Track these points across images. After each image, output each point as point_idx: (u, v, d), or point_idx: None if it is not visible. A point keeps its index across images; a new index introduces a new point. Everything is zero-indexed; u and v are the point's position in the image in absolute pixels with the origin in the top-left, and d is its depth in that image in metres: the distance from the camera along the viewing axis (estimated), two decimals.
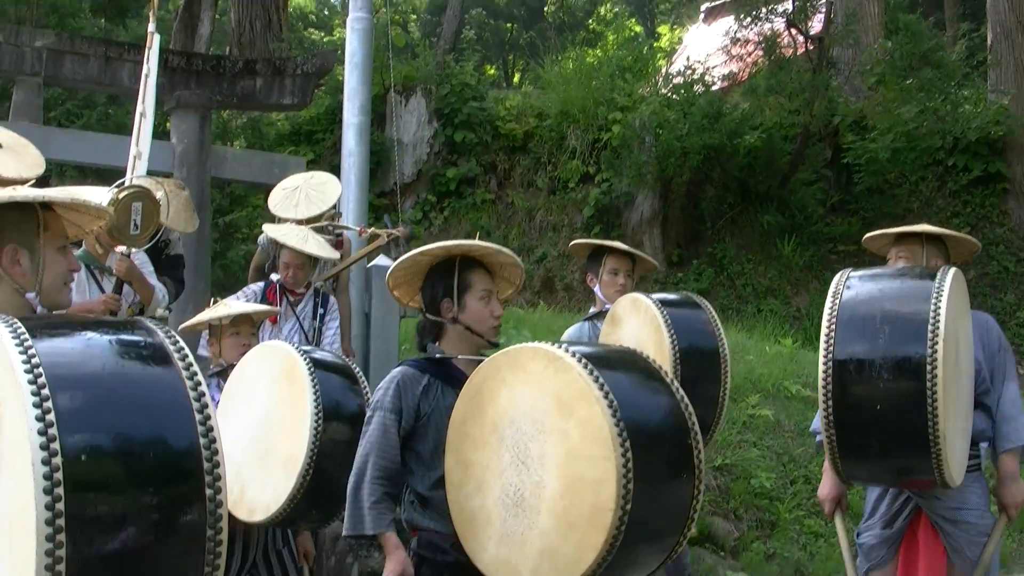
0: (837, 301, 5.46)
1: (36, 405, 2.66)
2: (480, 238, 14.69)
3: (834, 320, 5.39)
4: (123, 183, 6.92)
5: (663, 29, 42.05)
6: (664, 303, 6.51)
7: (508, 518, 4.15)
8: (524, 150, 21.67)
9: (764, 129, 19.49)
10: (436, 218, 21.04)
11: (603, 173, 20.50)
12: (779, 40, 20.01)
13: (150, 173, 9.70)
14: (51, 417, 2.65)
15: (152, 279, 7.51)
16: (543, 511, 4.03)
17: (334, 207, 9.47)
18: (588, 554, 3.86)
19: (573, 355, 4.04)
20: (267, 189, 18.89)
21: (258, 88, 13.19)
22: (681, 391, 4.28)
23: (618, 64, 22.66)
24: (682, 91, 20.18)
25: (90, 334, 3.07)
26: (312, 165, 18.57)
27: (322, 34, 42.80)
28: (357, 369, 5.98)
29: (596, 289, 7.41)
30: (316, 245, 8.13)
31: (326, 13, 46.36)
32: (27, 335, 2.84)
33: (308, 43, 37.99)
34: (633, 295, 6.75)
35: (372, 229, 9.52)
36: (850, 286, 5.55)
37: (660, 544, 4.16)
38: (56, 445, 2.63)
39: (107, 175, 14.90)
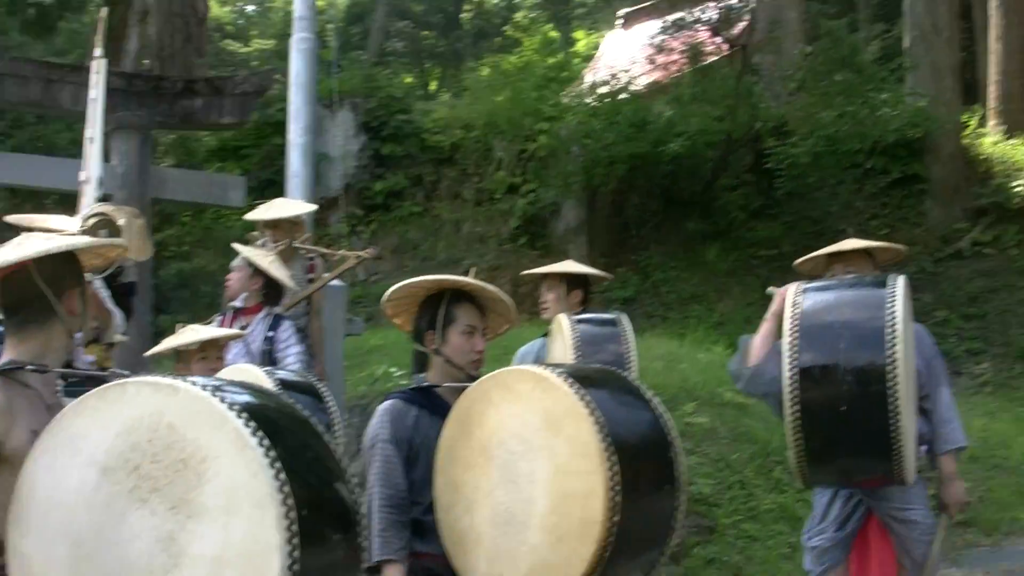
0: (798, 311, 5.62)
1: (271, 465, 3.05)
2: (406, 251, 14.80)
3: (797, 330, 5.53)
4: (92, 211, 7.08)
5: (579, 34, 42.29)
6: (580, 321, 6.64)
7: (498, 536, 4.29)
8: (451, 162, 21.90)
9: (688, 136, 19.70)
10: (363, 232, 21.16)
11: (529, 184, 20.76)
12: (703, 47, 20.35)
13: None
14: (284, 476, 3.05)
15: (109, 304, 7.61)
16: (532, 526, 4.18)
17: (303, 222, 9.71)
18: (577, 567, 4.04)
19: (559, 375, 4.22)
20: (203, 208, 19.08)
21: (197, 107, 13.26)
22: (660, 407, 4.49)
23: (543, 75, 22.86)
24: (607, 100, 20.38)
25: (273, 403, 3.57)
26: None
27: (239, 44, 42.75)
28: (322, 387, 6.15)
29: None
30: (265, 259, 8.41)
31: (242, 22, 46.36)
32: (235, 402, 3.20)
33: (225, 54, 37.94)
34: (559, 315, 6.92)
35: (341, 252, 9.71)
36: (808, 297, 5.72)
37: (645, 557, 4.35)
38: (291, 500, 3.03)
39: (42, 196, 14.96)
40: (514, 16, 44.81)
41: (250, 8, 48.94)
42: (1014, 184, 20.78)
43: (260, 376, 5.80)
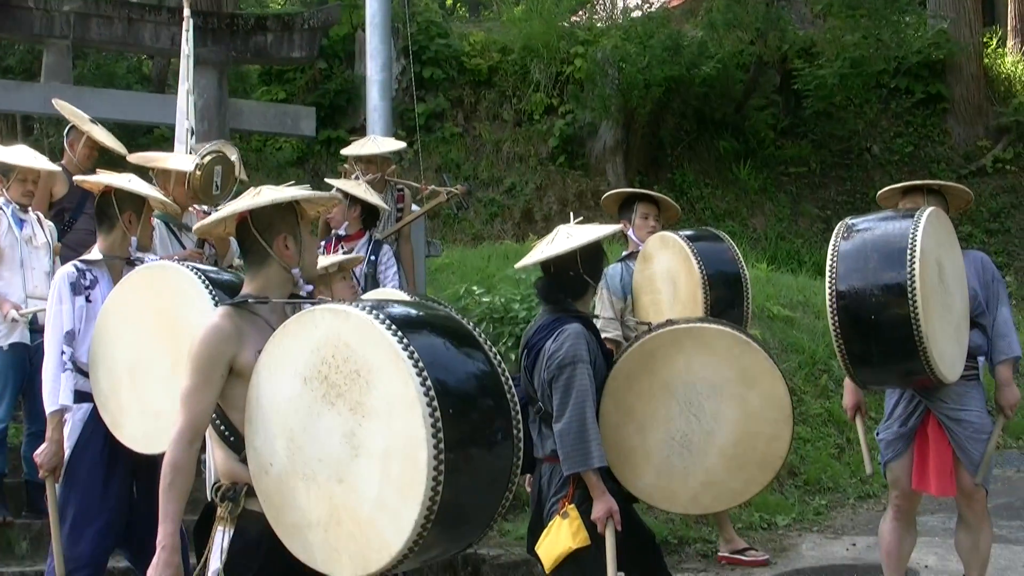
0: (838, 241, 6.64)
1: (418, 374, 3.72)
2: (449, 171, 15.28)
3: (835, 257, 6.56)
4: (208, 149, 7.82)
5: None
6: (690, 238, 7.52)
7: (671, 455, 5.54)
8: (489, 84, 22.31)
9: (719, 59, 20.15)
10: (407, 153, 21.65)
11: (567, 105, 21.26)
12: None
13: (173, 128, 10.56)
14: (429, 383, 3.72)
15: None
16: (711, 453, 5.52)
17: (399, 157, 10.26)
18: (753, 488, 5.66)
19: (754, 340, 5.55)
20: (279, 137, 19.73)
21: (269, 43, 13.89)
22: None
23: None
24: (639, 27, 20.78)
25: (431, 320, 4.28)
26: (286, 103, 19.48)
27: None
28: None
29: (630, 233, 8.33)
30: (359, 189, 9.11)
31: None
32: (392, 322, 3.88)
33: None
34: (661, 233, 7.81)
35: (432, 187, 10.33)
36: (848, 229, 6.73)
37: None
38: (436, 403, 3.71)
39: (134, 129, 15.62)
40: None
41: None
42: None
43: (403, 299, 6.55)
